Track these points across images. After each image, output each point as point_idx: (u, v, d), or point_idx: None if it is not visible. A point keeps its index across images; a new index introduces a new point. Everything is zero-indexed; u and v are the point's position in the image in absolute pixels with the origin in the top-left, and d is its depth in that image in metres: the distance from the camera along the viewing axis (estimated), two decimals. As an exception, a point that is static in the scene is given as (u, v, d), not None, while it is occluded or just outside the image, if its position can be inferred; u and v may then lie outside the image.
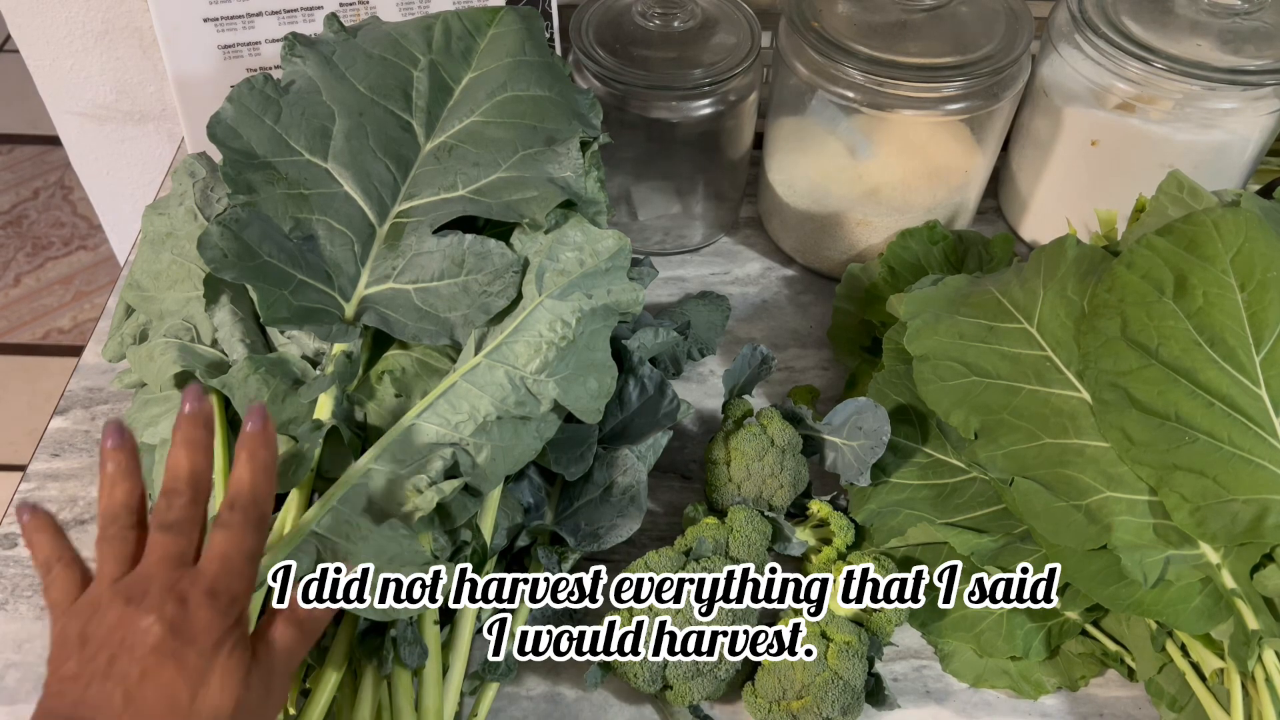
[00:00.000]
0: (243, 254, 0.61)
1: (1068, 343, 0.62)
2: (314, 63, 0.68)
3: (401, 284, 0.63)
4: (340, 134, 0.66)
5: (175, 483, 0.46)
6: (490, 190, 0.65)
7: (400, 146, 0.67)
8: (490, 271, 0.63)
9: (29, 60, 0.80)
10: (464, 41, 0.71)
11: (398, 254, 0.64)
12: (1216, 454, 0.57)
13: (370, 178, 0.65)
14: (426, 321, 0.62)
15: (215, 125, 0.65)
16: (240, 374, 0.61)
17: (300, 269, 0.62)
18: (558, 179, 0.66)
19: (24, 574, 0.70)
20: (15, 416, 1.74)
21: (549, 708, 0.65)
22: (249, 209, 0.62)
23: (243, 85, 0.66)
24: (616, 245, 0.65)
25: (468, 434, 0.60)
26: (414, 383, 0.63)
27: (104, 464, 0.47)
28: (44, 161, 2.13)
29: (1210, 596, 0.58)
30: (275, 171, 0.64)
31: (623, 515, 0.66)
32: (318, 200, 0.64)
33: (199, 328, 0.66)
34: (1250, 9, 0.78)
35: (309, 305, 0.62)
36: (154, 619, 0.43)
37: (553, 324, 0.62)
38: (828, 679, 0.60)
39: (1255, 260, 0.57)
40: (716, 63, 0.81)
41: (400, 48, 0.69)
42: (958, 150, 0.83)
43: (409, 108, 0.68)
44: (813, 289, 0.92)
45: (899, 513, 0.69)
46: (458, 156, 0.66)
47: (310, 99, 0.67)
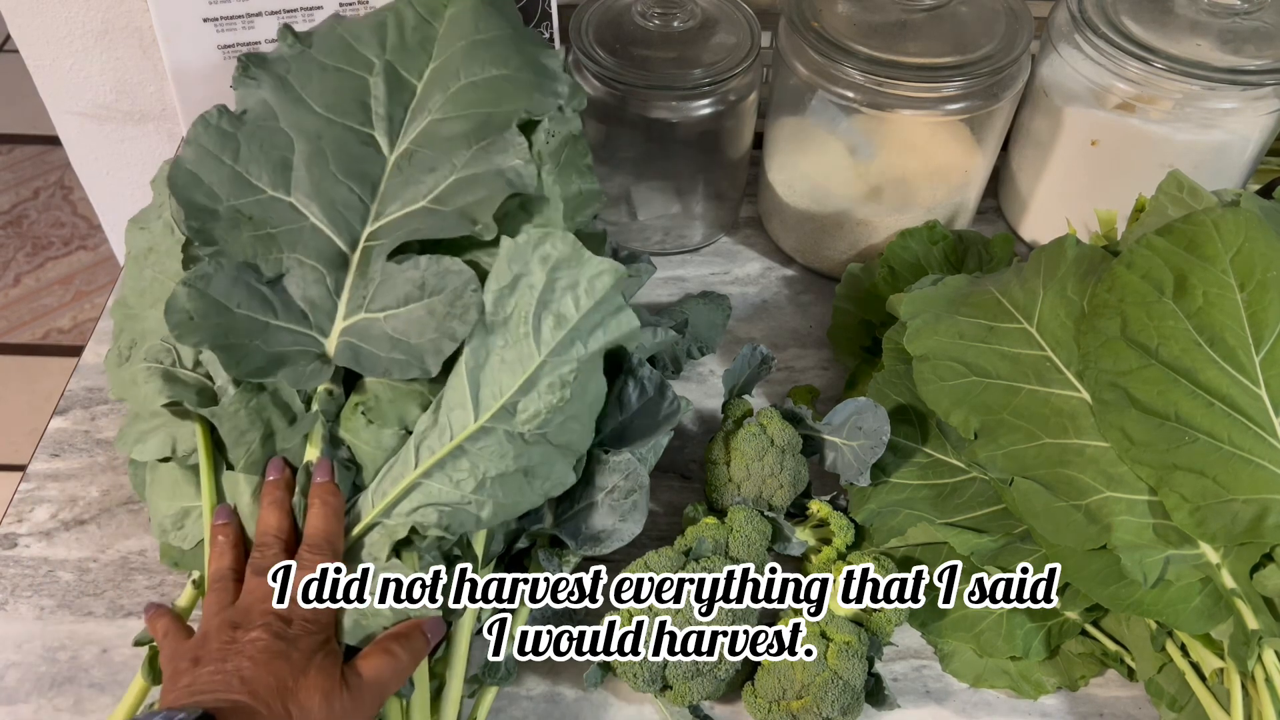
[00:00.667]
0: (210, 311, 0.59)
1: (1068, 343, 0.62)
2: (269, 85, 0.64)
3: (373, 312, 0.61)
4: (300, 162, 0.63)
5: (265, 537, 0.58)
6: (447, 196, 0.62)
7: (363, 164, 0.63)
8: (451, 290, 0.60)
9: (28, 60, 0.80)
10: (420, 31, 0.66)
11: (367, 280, 0.61)
12: (1216, 454, 0.57)
13: (336, 204, 0.62)
14: (398, 351, 0.60)
15: (176, 173, 0.62)
16: (230, 408, 0.61)
17: (273, 313, 0.60)
18: (506, 170, 0.62)
19: (24, 574, 0.70)
20: (15, 416, 1.74)
21: (549, 708, 0.65)
22: (215, 261, 0.60)
23: (198, 124, 0.63)
24: (613, 279, 0.61)
25: (469, 491, 0.58)
26: (387, 409, 0.61)
27: (215, 536, 0.60)
28: (44, 161, 2.13)
29: (1210, 596, 0.58)
30: (240, 214, 0.62)
31: (624, 520, 0.65)
32: (285, 237, 0.62)
33: (179, 349, 0.65)
34: (1250, 9, 0.78)
35: (282, 350, 0.60)
36: (260, 631, 0.53)
37: (552, 386, 0.59)
38: (827, 679, 0.60)
39: (1255, 260, 0.57)
40: (716, 63, 0.81)
41: (354, 53, 0.66)
42: (958, 150, 0.83)
43: (368, 119, 0.64)
44: (813, 289, 0.92)
45: (899, 513, 0.69)
46: (418, 163, 0.63)
47: (268, 127, 0.64)
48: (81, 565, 0.71)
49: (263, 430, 0.61)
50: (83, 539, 0.72)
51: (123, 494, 0.75)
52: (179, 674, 0.52)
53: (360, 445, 0.61)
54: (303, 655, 0.53)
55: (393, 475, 0.60)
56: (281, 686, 0.51)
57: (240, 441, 0.61)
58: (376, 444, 0.60)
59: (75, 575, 0.70)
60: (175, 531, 0.64)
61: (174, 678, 0.53)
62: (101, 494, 0.75)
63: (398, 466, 0.60)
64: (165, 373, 0.64)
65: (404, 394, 0.61)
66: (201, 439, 0.62)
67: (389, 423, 0.61)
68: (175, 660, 0.54)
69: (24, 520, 0.73)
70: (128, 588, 0.70)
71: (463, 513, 0.58)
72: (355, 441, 0.61)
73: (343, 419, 0.61)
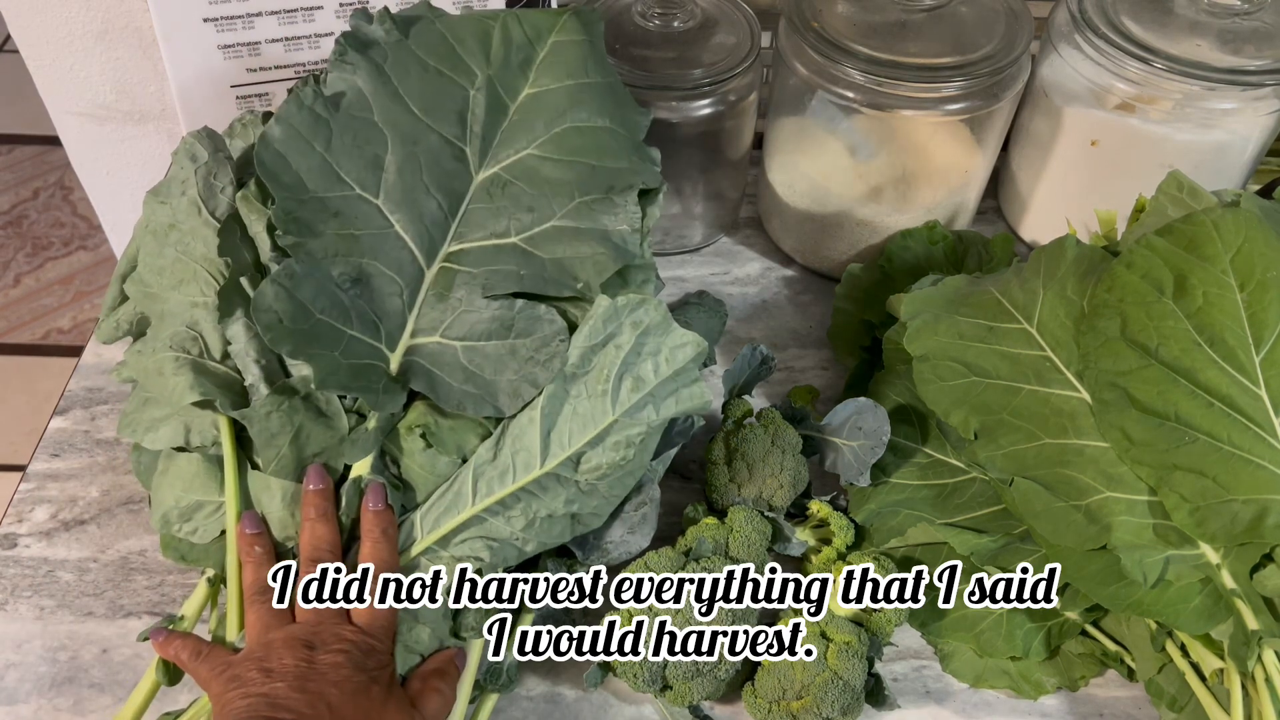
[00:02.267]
0: (297, 315, 0.58)
1: (1067, 343, 0.62)
2: (365, 73, 0.62)
3: (449, 339, 0.61)
4: (393, 166, 0.61)
5: (319, 553, 0.57)
6: (542, 240, 0.62)
7: (453, 179, 0.62)
8: (539, 337, 0.60)
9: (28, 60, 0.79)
10: (523, 51, 0.64)
11: (446, 306, 0.61)
12: (1216, 454, 0.57)
13: (422, 217, 0.61)
14: (471, 384, 0.60)
15: (264, 151, 0.60)
16: (262, 410, 0.60)
17: (350, 322, 0.59)
18: (613, 233, 0.62)
19: (24, 574, 0.70)
20: (15, 416, 1.74)
21: (549, 708, 0.65)
22: (303, 260, 0.59)
23: (291, 103, 0.61)
24: (694, 352, 0.61)
25: (519, 529, 0.59)
26: (448, 436, 0.61)
27: (251, 546, 0.58)
28: (44, 162, 2.13)
29: (1210, 596, 0.58)
30: (325, 209, 0.60)
31: (633, 532, 0.65)
32: (368, 241, 0.60)
33: (206, 338, 0.63)
34: (1250, 9, 0.78)
35: (358, 363, 0.59)
36: (339, 656, 0.52)
37: (618, 444, 0.60)
38: (828, 679, 0.60)
39: (1255, 260, 0.57)
40: (716, 63, 0.81)
41: (457, 59, 0.64)
42: (958, 150, 0.83)
43: (464, 134, 0.63)
44: (813, 289, 0.92)
45: (899, 513, 0.69)
46: (510, 196, 0.62)
47: (362, 119, 0.62)
48: (81, 565, 0.71)
49: (293, 434, 0.60)
50: (83, 539, 0.72)
51: (123, 494, 0.75)
52: (246, 683, 0.51)
53: (414, 467, 0.61)
54: (382, 690, 0.53)
55: (445, 503, 0.60)
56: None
57: (270, 444, 0.60)
58: (431, 469, 0.60)
59: (75, 575, 0.70)
60: (182, 524, 0.62)
61: (239, 685, 0.51)
62: (101, 494, 0.75)
63: (450, 495, 0.60)
64: (195, 364, 0.62)
65: (466, 424, 0.61)
66: (226, 434, 0.61)
67: (448, 450, 0.60)
68: (236, 671, 0.53)
69: (24, 520, 0.73)
70: (128, 588, 0.70)
71: (509, 547, 0.59)
72: (409, 463, 0.61)
73: (399, 437, 0.61)
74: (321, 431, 0.60)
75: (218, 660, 0.55)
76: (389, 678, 0.54)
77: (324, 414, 0.61)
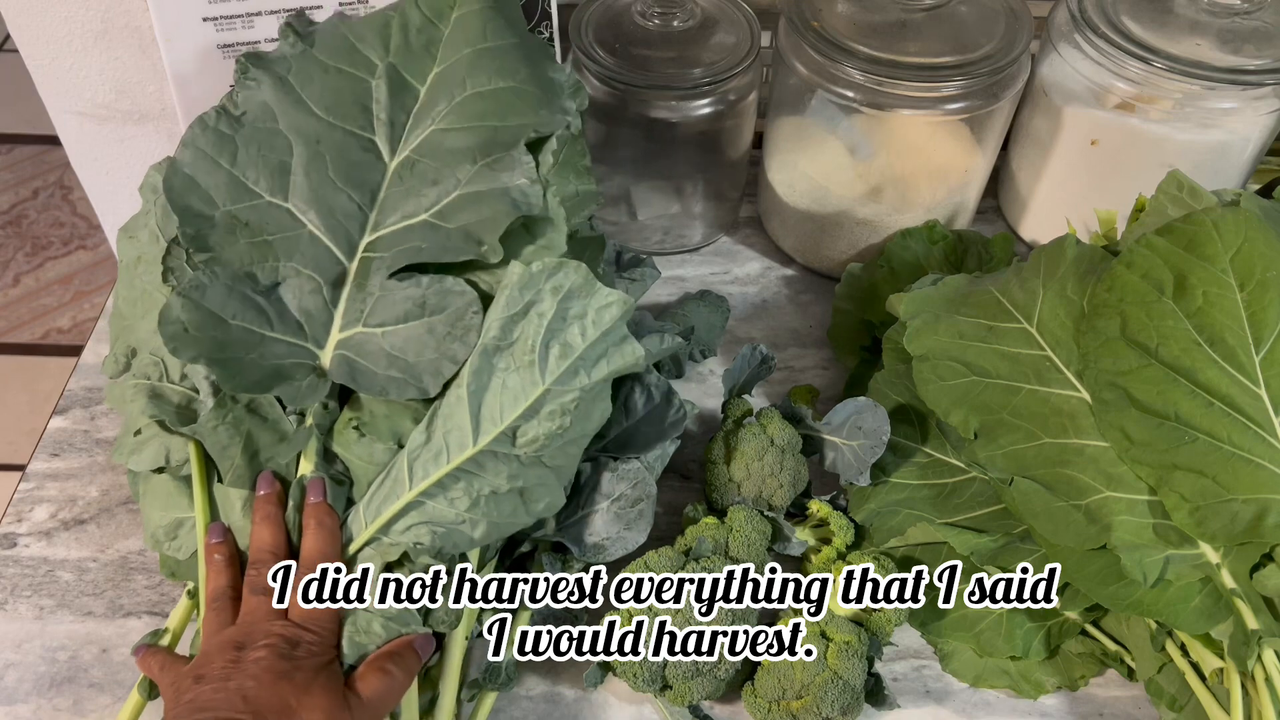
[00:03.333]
0: (205, 324, 0.58)
1: (1067, 342, 0.62)
2: (269, 86, 0.63)
3: (370, 327, 0.60)
4: (299, 167, 0.61)
5: (261, 554, 0.57)
6: (449, 212, 0.61)
7: (364, 171, 0.62)
8: (452, 311, 0.59)
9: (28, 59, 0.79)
10: (425, 33, 0.64)
11: (365, 294, 0.60)
12: (1216, 453, 0.57)
13: (334, 212, 0.61)
14: (395, 369, 0.59)
15: (172, 177, 0.61)
16: (209, 424, 0.60)
17: (268, 324, 0.60)
18: (511, 189, 0.61)
19: (23, 574, 0.70)
20: (15, 416, 1.74)
21: (549, 708, 0.65)
22: (210, 271, 0.59)
23: (195, 126, 0.62)
24: (620, 311, 0.60)
25: (464, 509, 0.58)
26: (382, 424, 0.60)
27: (211, 555, 0.59)
28: (43, 161, 2.13)
29: (1210, 596, 0.58)
30: (236, 220, 0.61)
31: (629, 528, 0.65)
32: (282, 245, 0.61)
33: (167, 363, 0.64)
34: (1250, 8, 0.78)
35: (278, 364, 0.59)
36: (264, 650, 0.52)
37: (553, 413, 0.59)
38: (827, 679, 0.60)
39: (1255, 260, 0.57)
40: (716, 62, 0.81)
41: (356, 54, 0.64)
42: (957, 150, 0.83)
43: (370, 124, 0.63)
44: (812, 288, 0.92)
45: (899, 512, 0.69)
46: (419, 174, 0.62)
47: (266, 130, 0.62)
48: (81, 565, 0.71)
49: (242, 443, 0.60)
50: (82, 539, 0.72)
51: (122, 494, 0.75)
52: (181, 692, 0.52)
53: (353, 460, 0.60)
54: (306, 676, 0.52)
55: (384, 492, 0.59)
56: (284, 706, 0.51)
57: (224, 455, 0.60)
58: (369, 458, 0.60)
59: (75, 575, 0.70)
60: (169, 542, 0.63)
61: (176, 696, 0.52)
62: (101, 494, 0.75)
63: (389, 483, 0.59)
64: (151, 389, 0.63)
65: (398, 409, 0.60)
66: (194, 452, 0.62)
67: (383, 437, 0.60)
68: (178, 682, 0.54)
69: (23, 520, 0.73)
70: (127, 587, 0.70)
71: (457, 533, 0.58)
72: (348, 456, 0.60)
73: (335, 433, 0.61)
74: (268, 437, 0.61)
75: (172, 672, 0.55)
76: (320, 664, 0.54)
77: (268, 420, 0.61)
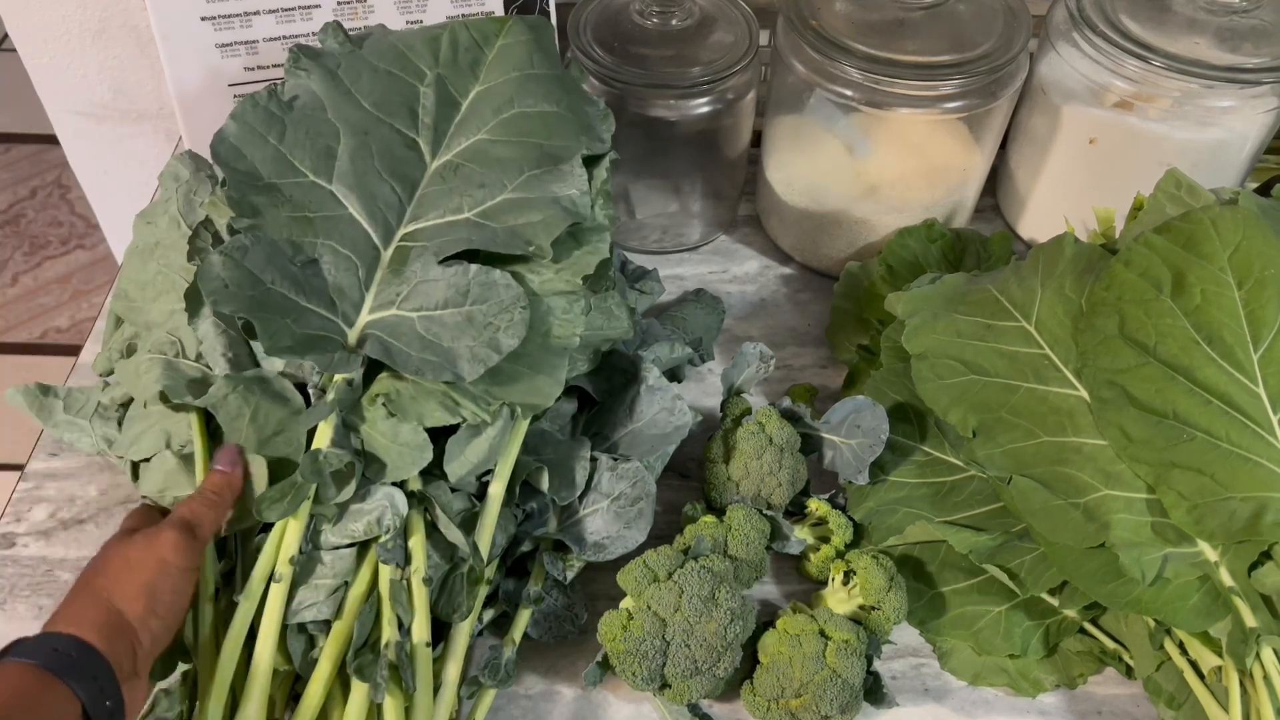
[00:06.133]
0: (244, 283, 0.59)
1: (1066, 341, 0.62)
2: (319, 77, 0.66)
3: (405, 311, 0.62)
4: (345, 154, 0.65)
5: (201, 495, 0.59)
6: (495, 213, 0.64)
7: (406, 166, 0.65)
8: (496, 303, 0.61)
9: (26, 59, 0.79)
10: (471, 53, 0.69)
11: (402, 280, 0.62)
12: (1214, 452, 0.57)
13: (375, 200, 0.64)
14: (429, 352, 0.60)
15: (219, 144, 0.64)
16: (219, 393, 0.61)
17: (303, 295, 0.61)
18: (563, 198, 0.64)
19: (22, 574, 0.70)
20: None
21: (548, 706, 0.65)
22: (252, 234, 0.61)
23: (246, 102, 0.65)
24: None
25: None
26: (409, 405, 0.61)
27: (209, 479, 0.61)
28: (41, 160, 2.13)
29: (1208, 594, 0.58)
30: (279, 194, 0.63)
31: (629, 527, 0.66)
32: (322, 224, 0.63)
33: (184, 341, 0.66)
34: (1248, 7, 0.78)
35: (311, 333, 0.60)
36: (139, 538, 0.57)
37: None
38: (826, 677, 0.60)
39: (1253, 258, 0.58)
40: (714, 61, 0.81)
41: (406, 61, 0.68)
42: (956, 148, 0.83)
43: (415, 125, 0.66)
44: (811, 287, 0.92)
45: (897, 511, 0.69)
46: (463, 176, 0.65)
47: (315, 116, 0.65)
48: (80, 565, 0.71)
49: (250, 414, 0.61)
50: (81, 538, 0.72)
51: (121, 493, 0.75)
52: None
53: (376, 436, 0.61)
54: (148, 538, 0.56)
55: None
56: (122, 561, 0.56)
57: (233, 426, 0.61)
58: (393, 438, 0.61)
59: (74, 575, 0.70)
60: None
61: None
62: (99, 493, 0.75)
63: None
64: (166, 362, 0.65)
65: (426, 391, 0.61)
66: (197, 428, 0.63)
67: (409, 418, 0.61)
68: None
69: (22, 520, 0.73)
70: (126, 587, 0.70)
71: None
72: (371, 433, 0.61)
73: (361, 409, 0.62)
74: (277, 411, 0.62)
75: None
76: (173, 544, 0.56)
77: (279, 395, 0.62)
